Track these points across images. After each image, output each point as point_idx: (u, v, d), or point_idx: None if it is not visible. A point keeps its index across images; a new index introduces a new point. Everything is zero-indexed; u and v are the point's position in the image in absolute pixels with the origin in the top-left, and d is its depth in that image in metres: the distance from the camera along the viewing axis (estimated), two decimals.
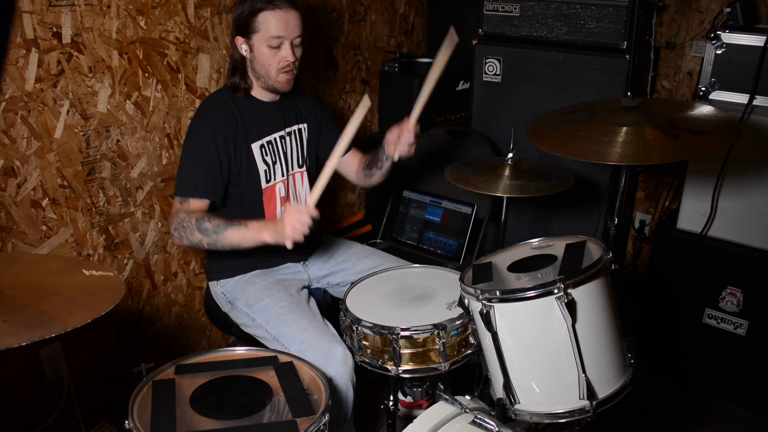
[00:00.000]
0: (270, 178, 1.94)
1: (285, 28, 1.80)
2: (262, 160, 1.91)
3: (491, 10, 2.49)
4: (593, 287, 1.37)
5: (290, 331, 1.77)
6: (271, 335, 1.81)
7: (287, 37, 1.81)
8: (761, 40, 2.09)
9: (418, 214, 2.52)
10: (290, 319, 1.80)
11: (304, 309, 1.85)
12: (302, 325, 1.78)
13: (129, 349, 2.11)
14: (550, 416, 1.40)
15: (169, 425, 1.32)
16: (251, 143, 1.89)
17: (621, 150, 1.54)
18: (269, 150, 1.93)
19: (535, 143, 1.69)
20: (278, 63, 1.83)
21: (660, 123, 1.59)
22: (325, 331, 1.77)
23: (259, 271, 1.98)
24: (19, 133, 1.70)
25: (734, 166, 2.20)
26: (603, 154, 1.54)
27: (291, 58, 1.83)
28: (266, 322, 1.83)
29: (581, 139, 1.63)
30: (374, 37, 2.88)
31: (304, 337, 1.74)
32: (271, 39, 1.80)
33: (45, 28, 1.69)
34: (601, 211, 2.43)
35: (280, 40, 1.81)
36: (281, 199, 1.98)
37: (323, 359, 1.67)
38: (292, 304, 1.85)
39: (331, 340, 1.74)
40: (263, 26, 1.79)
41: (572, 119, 1.78)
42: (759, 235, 2.21)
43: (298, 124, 2.03)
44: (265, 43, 1.80)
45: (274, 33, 1.79)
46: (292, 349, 1.73)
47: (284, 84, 1.88)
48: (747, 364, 2.32)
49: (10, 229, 1.73)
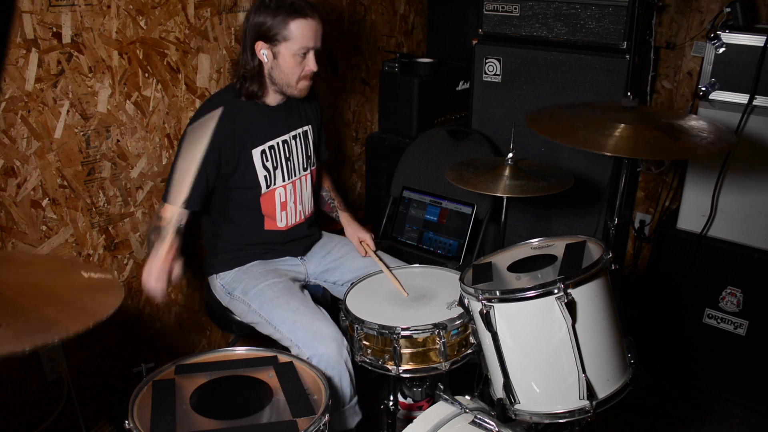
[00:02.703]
0: (270, 184, 1.94)
1: (314, 37, 1.82)
2: (262, 166, 1.90)
3: (491, 10, 2.49)
4: (593, 287, 1.37)
5: (281, 313, 1.80)
6: (264, 319, 1.83)
7: (315, 46, 1.83)
8: (761, 40, 2.09)
9: (418, 214, 2.52)
10: (282, 301, 1.82)
11: (295, 292, 1.88)
12: (293, 306, 1.80)
13: (129, 349, 2.11)
14: (550, 416, 1.41)
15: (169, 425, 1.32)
16: (251, 149, 1.88)
17: (619, 143, 1.53)
18: (270, 155, 1.93)
19: (533, 129, 1.68)
20: (302, 71, 1.85)
21: (660, 125, 1.59)
22: (315, 312, 1.80)
23: (257, 261, 2.00)
24: (19, 133, 1.70)
25: (734, 166, 2.20)
26: (601, 144, 1.53)
27: (315, 67, 1.85)
28: (259, 306, 1.84)
29: (580, 129, 1.62)
30: (374, 37, 2.88)
31: (295, 317, 1.77)
32: (301, 48, 1.81)
33: (45, 28, 1.69)
34: (601, 211, 2.43)
35: (308, 49, 1.82)
36: (282, 205, 1.98)
37: (314, 338, 1.69)
38: (284, 288, 1.87)
39: (321, 319, 1.76)
40: (294, 34, 1.79)
41: (572, 112, 1.78)
42: (759, 235, 2.21)
43: (303, 126, 2.04)
44: (293, 51, 1.81)
45: (305, 42, 1.81)
46: (284, 329, 1.75)
47: (304, 91, 1.91)
48: (747, 364, 2.32)
49: (10, 229, 1.73)
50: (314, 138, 2.08)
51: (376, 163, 2.88)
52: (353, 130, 2.90)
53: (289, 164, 1.98)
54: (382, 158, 2.83)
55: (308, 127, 2.05)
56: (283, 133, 1.97)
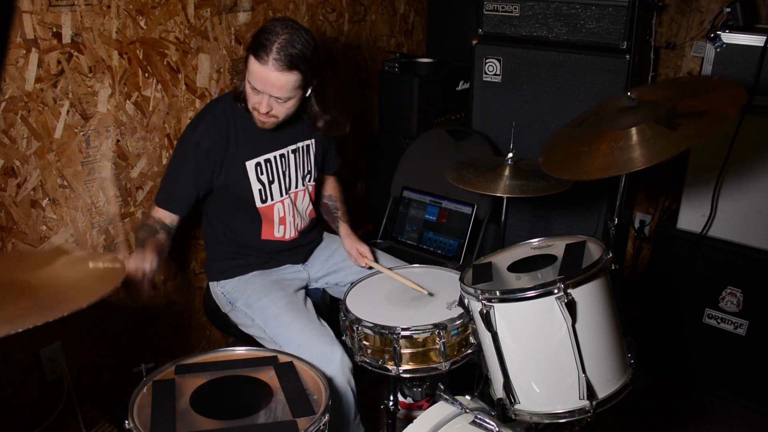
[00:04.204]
0: (266, 198, 1.91)
1: (262, 84, 1.70)
2: (256, 179, 1.88)
3: (491, 10, 2.49)
4: (593, 287, 1.37)
5: (287, 333, 1.78)
6: (269, 336, 1.82)
7: (264, 91, 1.71)
8: (761, 40, 2.09)
9: (418, 214, 2.52)
10: (287, 319, 1.80)
11: (300, 310, 1.85)
12: (298, 327, 1.78)
13: (129, 349, 2.11)
14: (550, 416, 1.41)
15: (169, 425, 1.32)
16: (245, 161, 1.85)
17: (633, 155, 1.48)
18: (266, 169, 1.89)
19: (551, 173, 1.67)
20: (252, 103, 1.77)
21: (660, 115, 1.54)
22: (322, 333, 1.77)
23: (258, 272, 1.98)
24: (19, 133, 1.70)
25: (734, 165, 2.20)
26: (621, 165, 1.50)
27: (262, 109, 1.74)
28: (264, 323, 1.83)
29: (586, 155, 1.59)
30: (374, 37, 2.88)
31: (300, 339, 1.74)
32: (252, 84, 1.72)
33: (45, 28, 1.69)
34: (601, 211, 2.43)
35: (258, 91, 1.72)
36: (280, 219, 1.96)
37: (321, 363, 1.66)
38: (288, 304, 1.85)
39: (328, 342, 1.74)
40: (248, 65, 1.71)
41: (580, 134, 1.74)
42: (759, 235, 2.21)
43: (304, 140, 1.98)
44: (248, 79, 1.73)
45: (254, 82, 1.71)
46: (288, 350, 1.72)
47: (258, 123, 1.81)
48: (747, 364, 2.32)
49: (10, 229, 1.73)
50: (316, 152, 2.02)
51: (376, 163, 2.88)
52: (353, 130, 2.90)
53: (285, 179, 1.94)
54: (382, 158, 2.83)
55: (311, 141, 2.00)
56: (281, 147, 1.92)
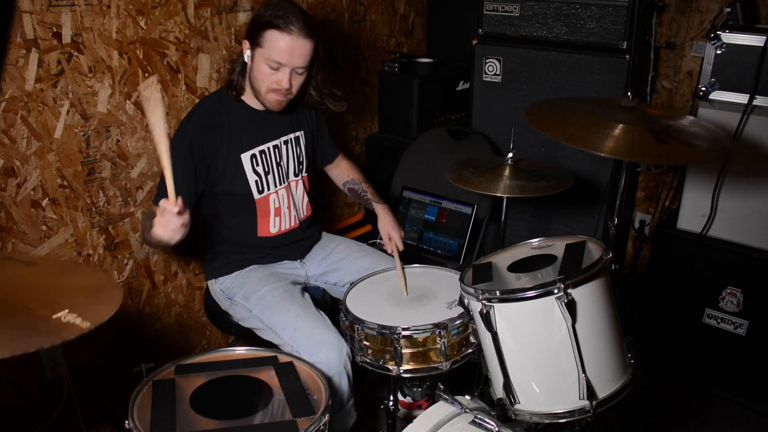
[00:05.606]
0: (263, 189, 1.92)
1: (288, 55, 1.73)
2: (252, 171, 1.89)
3: (491, 10, 2.49)
4: (593, 287, 1.37)
5: (282, 319, 1.79)
6: (266, 325, 1.82)
7: (288, 65, 1.75)
8: (761, 40, 2.09)
9: (418, 214, 2.52)
10: (283, 307, 1.81)
11: (297, 298, 1.86)
12: (294, 312, 1.79)
13: (129, 349, 2.11)
14: (550, 416, 1.41)
15: (169, 425, 1.32)
16: (240, 153, 1.87)
17: (612, 144, 1.51)
18: (261, 160, 1.91)
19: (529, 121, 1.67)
20: (270, 84, 1.78)
21: (654, 127, 1.58)
22: (316, 318, 1.79)
23: (256, 265, 1.99)
24: (19, 133, 1.70)
25: (734, 166, 2.20)
26: (595, 144, 1.51)
27: (285, 84, 1.77)
28: (261, 312, 1.84)
29: (575, 126, 1.61)
30: (374, 37, 2.88)
31: (295, 323, 1.76)
32: (271, 60, 1.74)
33: (45, 28, 1.69)
34: (601, 211, 2.43)
35: (279, 65, 1.75)
36: (276, 210, 1.97)
37: (314, 345, 1.69)
38: (285, 293, 1.86)
39: (322, 325, 1.75)
40: (267, 44, 1.74)
41: (573, 107, 1.77)
42: (759, 235, 2.21)
43: (294, 132, 2.01)
44: (265, 61, 1.75)
45: (275, 56, 1.73)
46: (285, 336, 1.75)
47: (273, 104, 1.84)
48: (747, 364, 2.32)
49: (10, 229, 1.73)
50: (306, 144, 2.05)
51: (376, 163, 2.88)
52: (353, 130, 2.90)
53: (280, 169, 1.96)
54: (382, 158, 2.83)
55: (300, 133, 2.03)
56: (274, 138, 1.95)
